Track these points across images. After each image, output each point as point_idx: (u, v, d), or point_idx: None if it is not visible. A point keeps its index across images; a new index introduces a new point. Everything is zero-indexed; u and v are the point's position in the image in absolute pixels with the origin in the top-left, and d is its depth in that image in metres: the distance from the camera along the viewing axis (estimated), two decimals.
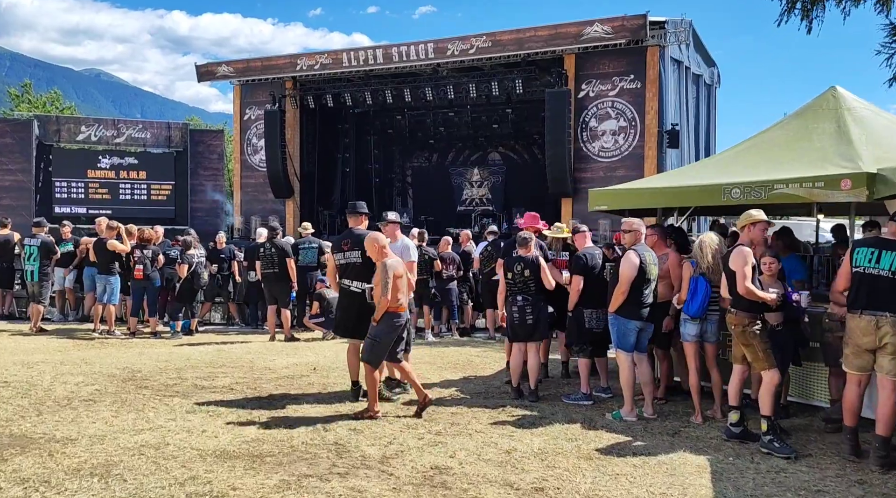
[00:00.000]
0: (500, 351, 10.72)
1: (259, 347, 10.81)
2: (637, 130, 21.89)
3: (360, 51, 24.50)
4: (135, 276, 11.48)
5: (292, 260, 11.48)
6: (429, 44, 23.47)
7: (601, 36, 21.48)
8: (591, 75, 22.50)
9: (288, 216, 27.03)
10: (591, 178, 22.55)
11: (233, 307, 13.64)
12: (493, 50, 22.80)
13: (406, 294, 6.95)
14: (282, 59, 25.99)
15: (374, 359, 6.80)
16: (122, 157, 27.78)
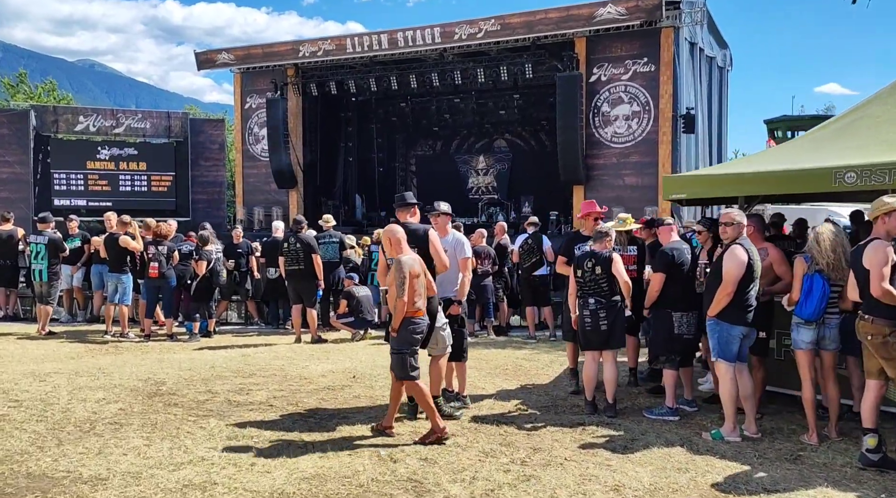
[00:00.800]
0: (546, 352, 9.82)
1: (286, 350, 9.83)
2: (651, 115, 20.92)
3: (365, 36, 23.41)
4: (149, 274, 10.46)
5: (318, 256, 10.47)
6: (435, 28, 22.39)
7: (614, 17, 20.48)
8: (602, 59, 21.49)
9: (291, 207, 25.96)
10: (603, 164, 21.65)
11: (251, 306, 12.61)
12: (503, 33, 21.76)
13: (424, 296, 5.99)
14: (283, 45, 24.86)
15: (410, 371, 5.88)
16: (122, 147, 26.60)
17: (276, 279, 11.49)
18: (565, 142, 21.40)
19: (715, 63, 23.94)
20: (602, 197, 21.67)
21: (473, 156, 27.46)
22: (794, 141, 8.47)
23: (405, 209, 6.53)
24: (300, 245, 10.37)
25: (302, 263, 10.36)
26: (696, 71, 22.21)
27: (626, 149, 21.33)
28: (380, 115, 27.64)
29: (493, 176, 26.81)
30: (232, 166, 30.54)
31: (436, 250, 6.25)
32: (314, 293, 10.58)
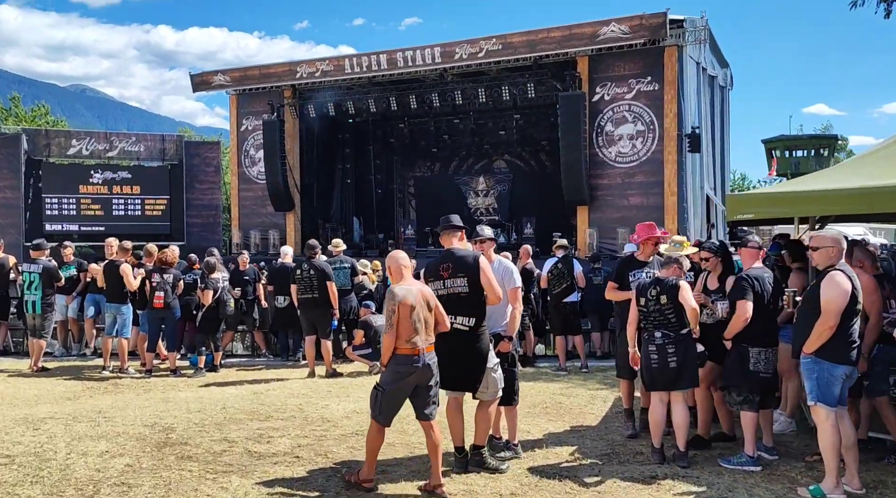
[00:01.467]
0: (582, 386, 8.99)
1: (300, 386, 8.93)
2: (656, 134, 20.27)
3: (363, 56, 22.67)
4: (154, 304, 9.54)
5: (333, 283, 9.59)
6: (436, 48, 21.71)
7: (618, 36, 19.85)
8: (605, 78, 20.86)
9: (288, 230, 25.11)
10: (608, 184, 20.96)
11: (258, 336, 11.67)
12: (504, 53, 21.09)
13: (426, 332, 5.24)
14: (280, 66, 24.12)
15: (378, 414, 5.26)
16: (115, 171, 25.70)
17: (285, 308, 10.59)
18: (569, 162, 20.70)
19: (716, 82, 23.38)
20: (607, 218, 20.98)
21: (473, 177, 26.72)
22: (864, 156, 7.66)
23: (451, 233, 5.70)
24: (314, 272, 9.50)
25: (316, 291, 9.47)
26: (699, 89, 21.59)
27: (631, 169, 20.64)
28: (378, 137, 26.84)
29: (493, 197, 26.06)
30: (227, 189, 29.62)
31: (488, 280, 5.43)
32: (329, 323, 9.69)
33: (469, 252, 5.58)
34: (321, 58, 23.23)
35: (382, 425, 5.29)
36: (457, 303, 5.44)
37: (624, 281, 6.61)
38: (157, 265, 9.70)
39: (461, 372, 5.46)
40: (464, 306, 5.43)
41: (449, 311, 5.42)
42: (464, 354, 5.41)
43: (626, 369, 6.53)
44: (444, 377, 5.47)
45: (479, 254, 5.57)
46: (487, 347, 5.49)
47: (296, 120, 24.60)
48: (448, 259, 5.55)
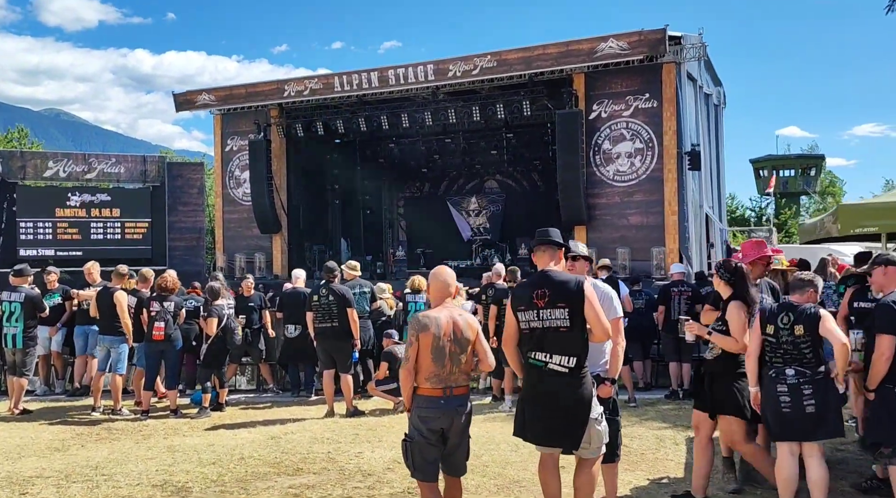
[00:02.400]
0: (639, 423, 7.88)
1: (322, 428, 7.74)
2: (655, 152, 19.42)
3: (354, 74, 21.59)
4: (153, 337, 8.29)
5: (355, 310, 8.40)
6: (428, 65, 20.72)
7: (616, 52, 19.00)
8: (602, 95, 20.01)
9: (275, 252, 23.85)
10: (606, 203, 20.04)
11: (265, 369, 10.40)
12: (499, 70, 20.15)
13: (455, 369, 4.42)
14: (268, 85, 22.94)
15: (413, 469, 4.47)
16: (94, 193, 24.18)
17: (296, 338, 9.41)
18: (566, 181, 19.79)
19: (711, 100, 22.65)
20: (606, 238, 20.04)
21: (464, 197, 25.70)
22: None
23: (548, 251, 4.59)
24: (333, 297, 8.31)
25: (336, 320, 8.29)
26: (696, 107, 20.82)
27: (630, 187, 19.75)
28: (366, 156, 25.75)
29: (485, 217, 25.04)
30: (211, 211, 28.25)
31: (595, 312, 4.34)
32: (350, 355, 8.51)
33: (570, 276, 4.48)
34: (310, 76, 22.08)
35: (426, 481, 4.40)
36: (554, 339, 4.36)
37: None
38: (158, 292, 8.46)
39: (559, 424, 4.34)
40: (563, 343, 4.35)
41: (543, 348, 4.36)
42: (562, 402, 4.31)
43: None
44: (538, 431, 4.39)
45: (583, 279, 4.46)
46: (591, 392, 4.40)
47: (282, 139, 23.42)
48: (544, 284, 4.45)
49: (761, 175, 31.83)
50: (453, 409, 4.41)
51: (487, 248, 23.60)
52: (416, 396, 4.45)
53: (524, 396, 4.44)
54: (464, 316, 4.63)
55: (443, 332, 4.42)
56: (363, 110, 22.07)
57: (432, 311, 4.58)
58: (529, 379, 4.40)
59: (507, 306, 4.59)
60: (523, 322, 4.40)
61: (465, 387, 4.54)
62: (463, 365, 4.51)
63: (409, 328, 4.61)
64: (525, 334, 4.42)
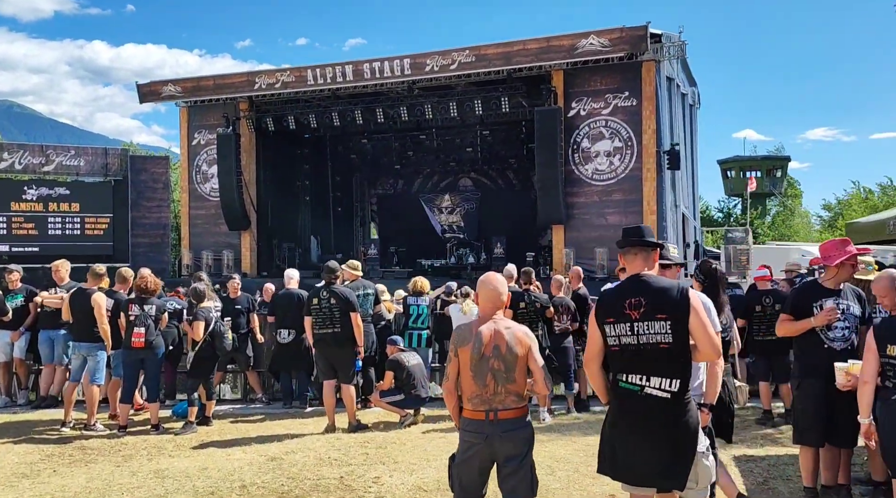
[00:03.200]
0: None
1: (325, 446, 6.84)
2: (634, 151, 18.93)
3: (328, 67, 20.68)
4: (133, 344, 7.34)
5: (359, 314, 7.54)
6: (405, 59, 19.92)
7: (597, 49, 18.44)
8: (581, 92, 19.46)
9: (244, 250, 22.81)
10: (584, 203, 19.51)
11: (252, 377, 9.42)
12: (478, 65, 19.45)
13: (500, 390, 3.84)
14: (238, 77, 21.93)
15: (457, 493, 3.97)
16: (52, 187, 22.90)
17: (289, 344, 8.52)
18: (544, 179, 19.21)
19: (686, 100, 22.21)
20: (584, 237, 19.47)
21: (438, 195, 24.89)
22: None
23: (641, 252, 3.78)
24: (335, 301, 7.44)
25: (338, 325, 7.41)
26: (673, 106, 20.37)
27: (609, 186, 19.23)
28: (338, 152, 24.84)
29: (459, 215, 24.30)
30: (177, 207, 26.98)
31: (703, 325, 3.53)
32: (353, 364, 7.65)
33: (671, 282, 3.67)
34: (282, 68, 21.08)
35: None
36: (652, 357, 3.53)
37: (807, 313, 4.88)
38: (138, 294, 7.51)
39: (661, 461, 3.54)
40: (663, 363, 3.52)
41: (638, 369, 3.55)
42: (664, 434, 3.55)
43: (815, 433, 4.78)
44: (634, 469, 3.59)
45: (687, 286, 3.69)
46: (697, 421, 3.62)
47: (252, 133, 22.43)
48: (639, 291, 3.59)
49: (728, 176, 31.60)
50: (497, 435, 3.75)
51: (462, 246, 22.88)
52: (462, 417, 3.88)
53: (612, 426, 3.66)
54: (512, 329, 3.91)
55: (484, 346, 3.78)
56: (336, 105, 21.17)
57: (475, 321, 3.95)
58: (620, 406, 3.62)
59: (591, 320, 3.80)
60: (612, 337, 3.59)
61: (514, 410, 3.83)
62: (512, 385, 3.78)
63: (451, 341, 3.98)
64: (614, 352, 3.59)
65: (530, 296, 7.83)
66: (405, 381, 7.63)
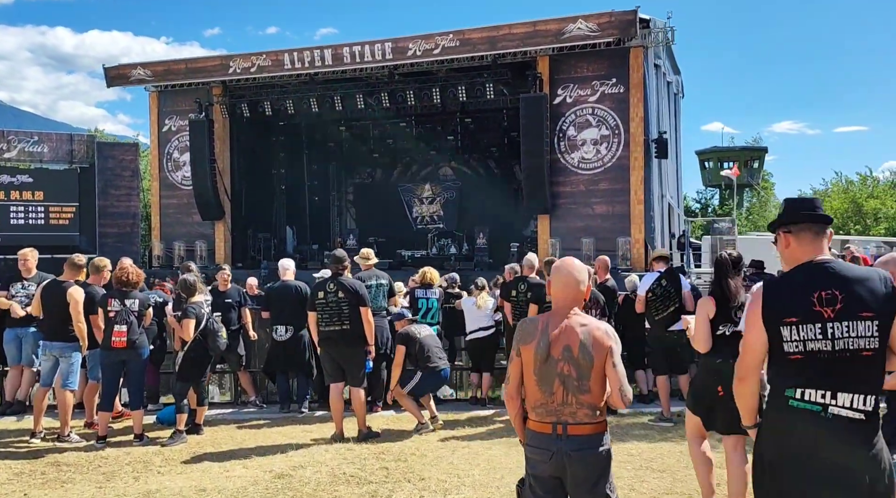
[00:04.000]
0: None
1: (336, 459, 5.92)
2: (621, 139, 18.26)
3: (305, 51, 19.68)
4: (113, 344, 6.38)
5: (369, 309, 6.65)
6: (386, 43, 19.00)
7: (585, 34, 17.71)
8: (567, 79, 18.72)
9: (217, 241, 21.74)
10: (570, 192, 18.81)
11: (244, 378, 8.42)
12: (462, 50, 18.61)
13: (571, 400, 3.19)
14: (211, 60, 20.82)
15: None
16: (13, 174, 21.56)
17: (287, 341, 7.61)
18: (531, 168, 18.47)
19: (671, 88, 21.58)
20: (570, 227, 18.77)
21: (418, 184, 23.96)
22: None
23: (812, 232, 2.81)
24: (344, 294, 6.53)
25: (346, 321, 6.52)
26: (659, 94, 19.72)
27: (595, 175, 18.55)
28: (314, 140, 23.79)
29: (439, 204, 23.43)
30: (146, 196, 25.67)
31: None
32: (363, 365, 6.75)
33: (869, 270, 2.78)
34: (257, 52, 19.99)
35: None
36: (849, 368, 2.66)
37: None
38: (117, 286, 6.54)
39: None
40: (861, 375, 2.66)
41: (825, 382, 2.65)
42: (856, 473, 2.60)
43: None
44: None
45: (888, 274, 2.81)
46: (887, 452, 2.75)
47: (226, 120, 21.34)
48: (831, 282, 2.70)
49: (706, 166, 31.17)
50: (566, 453, 3.06)
51: (443, 237, 22.05)
52: (526, 429, 3.22)
53: (773, 457, 2.76)
54: (589, 327, 3.16)
55: (551, 346, 3.10)
56: (314, 90, 20.15)
57: (543, 315, 3.29)
58: (787, 430, 2.69)
59: (754, 319, 2.87)
60: (793, 342, 2.66)
61: (589, 425, 3.11)
62: (585, 395, 3.09)
63: (514, 338, 3.30)
64: (794, 361, 2.68)
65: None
66: (419, 354, 6.75)
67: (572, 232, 18.71)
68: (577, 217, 18.74)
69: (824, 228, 2.79)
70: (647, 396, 7.83)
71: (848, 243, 23.25)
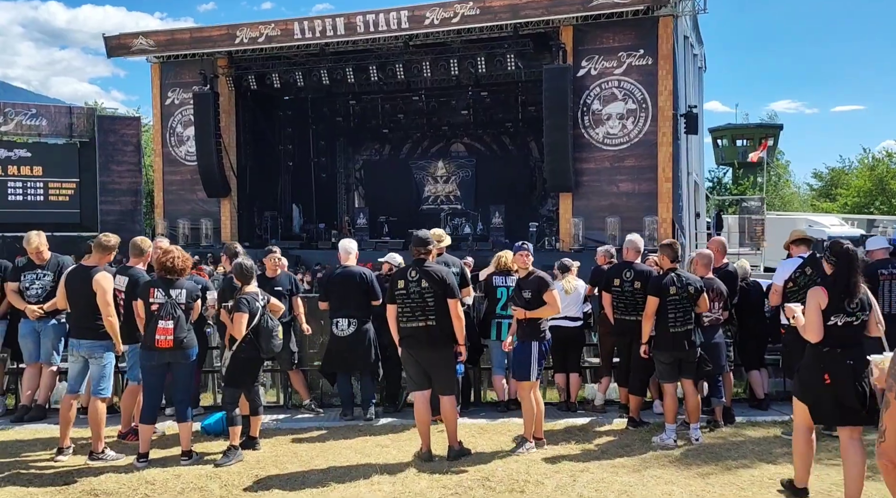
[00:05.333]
0: None
1: (432, 486, 4.56)
2: (649, 114, 17.06)
3: (317, 20, 18.36)
4: (157, 343, 5.14)
5: (458, 301, 5.41)
6: (402, 11, 17.69)
7: (614, 2, 16.47)
8: (592, 50, 17.45)
9: (223, 218, 20.47)
10: (594, 169, 17.62)
11: (296, 379, 7.00)
12: (482, 18, 17.32)
13: None
14: (217, 29, 19.37)
15: None
16: (11, 148, 20.15)
17: (349, 337, 6.36)
18: (554, 143, 17.26)
19: (697, 61, 20.38)
20: (594, 206, 17.60)
21: (430, 161, 22.68)
22: None
23: None
24: (429, 283, 5.28)
25: (432, 316, 5.30)
26: (686, 66, 18.52)
27: (621, 151, 17.36)
28: (322, 114, 22.45)
29: (454, 183, 22.16)
30: (149, 172, 24.19)
31: None
32: (453, 368, 5.54)
33: None
34: (265, 21, 18.59)
35: None
36: None
37: None
38: (160, 273, 5.31)
39: None
40: None
41: None
42: None
43: None
44: None
45: None
46: None
47: (232, 92, 19.99)
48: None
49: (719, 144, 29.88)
50: None
51: (457, 216, 20.80)
52: None
53: None
54: None
55: None
56: (324, 62, 18.79)
57: None
58: None
59: None
60: None
61: None
62: None
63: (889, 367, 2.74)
64: None
65: (681, 278, 5.73)
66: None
67: (596, 211, 17.57)
68: (601, 195, 17.57)
69: None
70: (763, 401, 6.64)
71: (876, 222, 22.29)
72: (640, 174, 17.27)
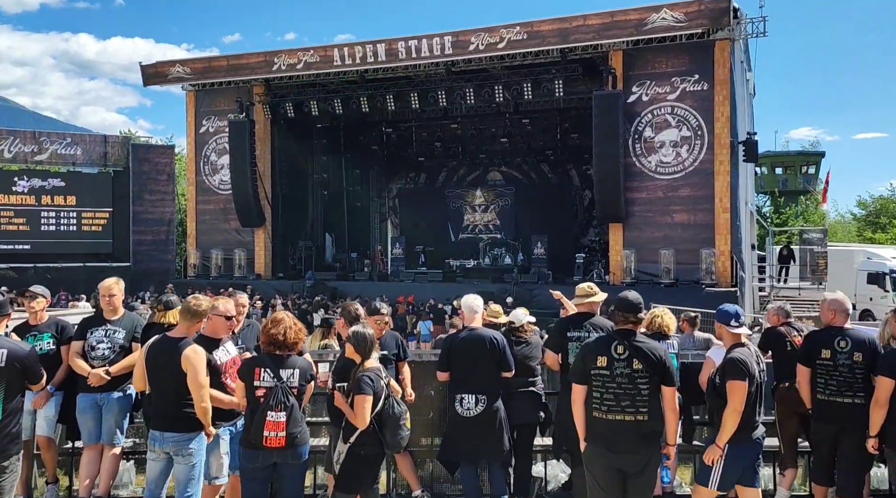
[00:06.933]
0: None
1: None
2: (704, 141, 15.62)
3: (357, 46, 17.14)
4: (266, 442, 3.63)
5: (675, 390, 3.70)
6: (446, 37, 16.46)
7: (669, 24, 15.14)
8: (643, 75, 16.09)
9: (257, 249, 19.22)
10: (647, 198, 16.15)
11: (404, 464, 4.54)
12: (529, 43, 16.06)
13: None
14: (254, 56, 18.21)
15: None
16: (45, 178, 19.09)
17: (477, 417, 4.60)
18: (604, 172, 15.89)
19: (748, 87, 18.86)
20: (646, 237, 16.07)
21: (467, 190, 21.29)
22: None
23: None
24: (643, 365, 3.45)
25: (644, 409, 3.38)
26: (743, 92, 17.01)
27: (675, 181, 15.90)
28: (358, 142, 21.18)
29: (494, 212, 20.75)
30: (182, 201, 23.04)
31: None
32: (656, 474, 3.80)
33: None
34: (304, 47, 17.42)
35: None
36: None
37: None
38: (265, 349, 3.72)
39: None
40: None
41: None
42: None
43: None
44: None
45: None
46: None
47: (267, 120, 18.80)
48: None
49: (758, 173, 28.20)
50: None
51: (497, 246, 19.35)
52: None
53: None
54: None
55: None
56: (363, 89, 17.54)
57: None
58: None
59: None
60: None
61: None
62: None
63: None
64: None
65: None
66: None
67: (649, 242, 16.07)
68: (654, 226, 16.08)
69: None
70: None
71: None
72: (695, 204, 15.79)
